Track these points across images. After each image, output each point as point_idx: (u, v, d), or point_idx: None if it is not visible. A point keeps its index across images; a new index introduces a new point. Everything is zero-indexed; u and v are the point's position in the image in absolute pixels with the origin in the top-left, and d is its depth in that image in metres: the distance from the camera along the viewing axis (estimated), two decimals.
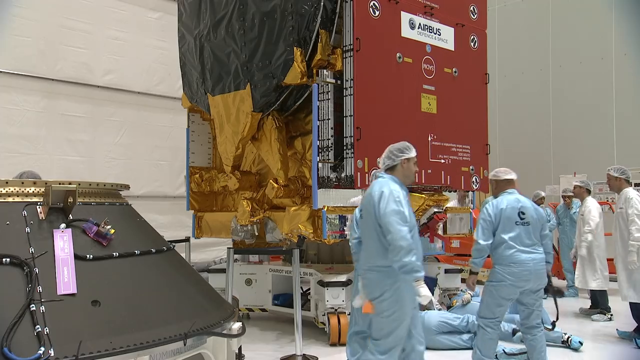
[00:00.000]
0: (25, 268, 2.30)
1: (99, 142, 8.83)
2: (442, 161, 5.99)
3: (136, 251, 2.75)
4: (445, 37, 6.08)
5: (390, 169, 3.63)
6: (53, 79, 8.25)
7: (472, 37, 6.39)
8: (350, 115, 5.28)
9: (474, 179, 6.33)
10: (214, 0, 6.09)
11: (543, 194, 8.77)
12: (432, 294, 5.87)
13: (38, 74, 8.10)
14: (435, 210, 5.46)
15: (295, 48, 5.34)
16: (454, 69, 6.15)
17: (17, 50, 7.89)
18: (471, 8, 6.40)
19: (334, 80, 5.34)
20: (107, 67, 8.89)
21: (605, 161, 9.15)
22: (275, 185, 5.72)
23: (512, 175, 4.37)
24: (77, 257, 2.47)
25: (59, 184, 2.58)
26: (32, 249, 2.38)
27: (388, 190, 3.38)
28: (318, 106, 5.34)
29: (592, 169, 10.11)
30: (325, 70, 5.33)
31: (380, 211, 3.33)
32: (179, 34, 6.85)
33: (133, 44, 9.23)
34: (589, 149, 10.80)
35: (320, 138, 5.35)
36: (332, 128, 5.32)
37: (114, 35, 9.00)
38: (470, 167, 6.30)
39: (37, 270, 2.30)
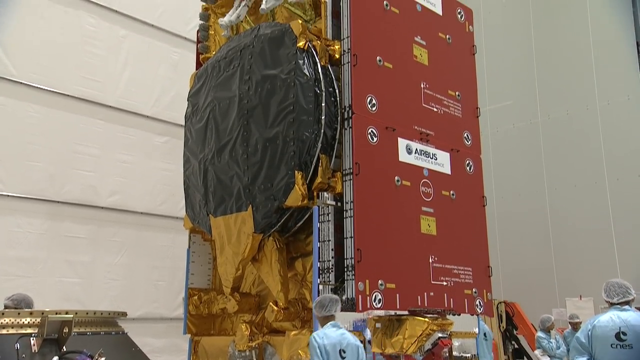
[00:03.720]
0: None
1: (99, 263, 8.80)
2: (444, 283, 5.92)
3: None
4: (442, 162, 6.29)
5: (626, 303, 3.98)
6: (59, 201, 8.43)
7: (467, 161, 6.61)
8: (351, 237, 5.31)
9: (477, 302, 6.21)
10: (220, 127, 6.39)
11: (553, 318, 8.50)
12: None
13: (45, 197, 8.29)
14: (440, 335, 5.29)
15: (296, 172, 5.49)
16: (451, 192, 6.29)
17: (27, 175, 8.15)
18: (465, 134, 6.69)
19: (334, 203, 5.44)
20: (112, 189, 9.11)
21: None
22: (275, 308, 5.60)
23: None
24: None
25: (56, 313, 2.54)
26: None
27: None
28: (319, 228, 5.39)
29: (598, 291, 9.93)
30: (325, 193, 5.45)
31: None
32: (184, 157, 7.09)
33: (139, 166, 9.54)
34: (592, 270, 10.70)
35: (320, 259, 5.33)
36: (332, 249, 5.32)
37: (121, 159, 9.33)
38: (473, 290, 6.20)
39: None
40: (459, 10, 6.98)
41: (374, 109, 5.71)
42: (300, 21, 5.86)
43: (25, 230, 8.03)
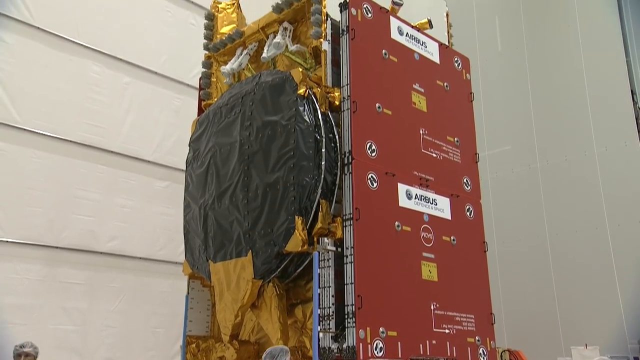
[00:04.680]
0: None
1: (96, 310, 8.69)
2: (447, 331, 5.82)
3: None
4: (442, 207, 6.29)
5: None
6: (57, 247, 8.39)
7: (467, 206, 6.61)
8: (351, 283, 5.25)
9: (481, 351, 6.09)
10: (220, 172, 6.43)
11: None
12: None
13: (44, 243, 8.26)
14: None
15: (296, 217, 5.49)
16: (452, 237, 6.26)
17: (27, 221, 8.16)
18: (464, 180, 6.71)
19: (334, 248, 5.41)
20: (112, 234, 9.10)
21: (616, 330, 8.87)
22: None
23: None
24: None
25: None
26: None
27: None
28: (319, 274, 5.34)
29: (604, 340, 9.75)
30: (325, 238, 5.42)
31: None
32: (185, 202, 7.10)
33: (139, 211, 9.55)
34: (597, 317, 10.53)
35: (321, 306, 5.26)
36: (333, 296, 5.26)
37: (122, 203, 9.35)
38: (477, 338, 6.09)
39: None
40: (455, 59, 7.14)
41: (373, 154, 5.76)
42: (300, 69, 5.99)
43: (22, 277, 7.97)
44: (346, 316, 5.20)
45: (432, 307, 5.78)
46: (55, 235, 8.41)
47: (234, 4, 7.71)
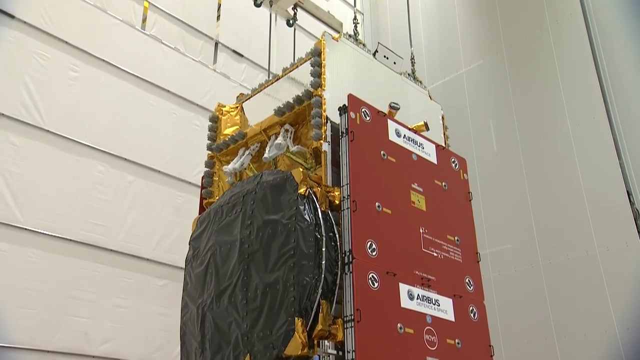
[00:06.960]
0: None
1: None
2: None
3: None
4: (445, 308, 6.15)
5: None
6: (49, 351, 8.12)
7: (470, 307, 6.47)
8: None
9: None
10: (220, 271, 6.36)
11: None
12: None
13: (34, 347, 8.00)
14: None
15: (296, 318, 5.35)
16: (456, 341, 6.06)
17: (19, 323, 7.96)
18: (467, 280, 6.62)
19: (335, 352, 5.23)
20: (106, 336, 8.84)
21: None
22: None
23: None
24: None
25: None
26: None
27: None
28: None
29: None
30: (326, 341, 5.26)
31: None
32: (182, 303, 6.95)
33: (135, 311, 9.34)
34: None
35: None
36: None
37: (118, 303, 9.17)
38: None
39: None
40: (452, 159, 7.31)
41: (374, 253, 5.73)
42: (301, 169, 6.11)
43: None
44: None
45: None
46: (47, 338, 8.15)
47: (237, 107, 8.04)
